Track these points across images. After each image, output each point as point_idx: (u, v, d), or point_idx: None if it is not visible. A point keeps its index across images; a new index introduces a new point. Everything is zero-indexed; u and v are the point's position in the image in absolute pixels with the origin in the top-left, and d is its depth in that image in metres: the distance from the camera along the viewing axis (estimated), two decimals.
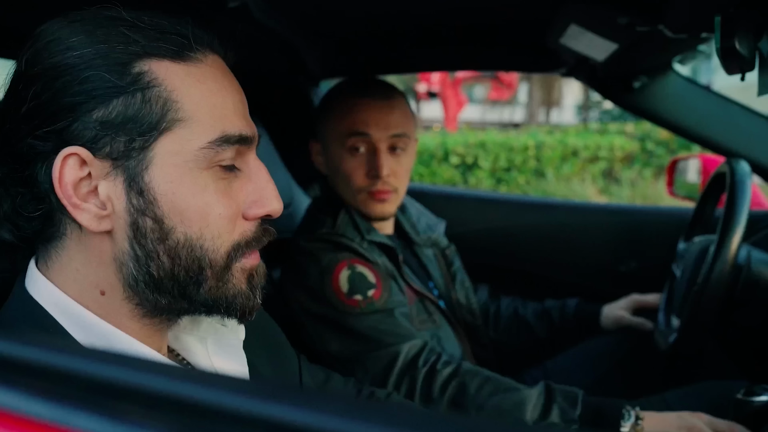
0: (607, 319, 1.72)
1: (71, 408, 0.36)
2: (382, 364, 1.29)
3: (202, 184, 0.68)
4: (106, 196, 0.66)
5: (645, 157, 8.91)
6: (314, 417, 0.34)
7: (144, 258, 0.68)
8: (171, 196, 0.67)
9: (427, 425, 0.35)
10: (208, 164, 0.68)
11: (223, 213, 0.69)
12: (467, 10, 1.51)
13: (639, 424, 1.15)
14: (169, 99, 0.66)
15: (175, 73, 0.67)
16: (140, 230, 0.67)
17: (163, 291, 0.69)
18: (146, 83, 0.66)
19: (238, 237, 0.71)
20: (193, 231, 0.68)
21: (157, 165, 0.66)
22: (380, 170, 1.41)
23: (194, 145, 0.67)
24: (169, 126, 0.66)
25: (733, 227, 1.26)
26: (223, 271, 0.71)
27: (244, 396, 0.35)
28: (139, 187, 0.66)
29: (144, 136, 0.65)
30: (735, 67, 0.99)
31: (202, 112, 0.68)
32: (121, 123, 0.65)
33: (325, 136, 1.48)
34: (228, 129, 0.69)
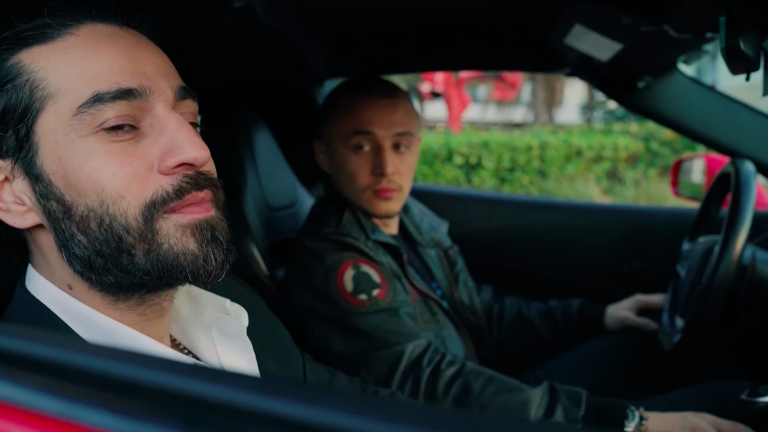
0: (611, 320, 1.71)
1: (82, 404, 0.36)
2: (387, 363, 1.29)
3: (87, 151, 0.66)
4: (20, 192, 0.68)
5: (649, 157, 8.89)
6: (321, 413, 0.34)
7: (66, 241, 0.68)
8: (62, 173, 0.66)
9: (435, 422, 0.35)
10: (90, 130, 0.66)
11: (117, 173, 0.66)
12: (471, 10, 1.52)
13: (643, 424, 1.15)
14: (35, 79, 0.67)
15: (40, 53, 0.68)
16: (52, 215, 0.68)
17: (99, 269, 0.68)
18: (14, 74, 0.67)
19: (150, 194, 0.67)
20: (92, 200, 0.66)
21: (43, 146, 0.67)
22: (385, 168, 1.41)
23: (68, 115, 0.66)
24: (41, 105, 0.66)
25: (737, 227, 1.26)
26: (145, 231, 0.67)
27: (251, 392, 0.35)
28: (35, 174, 0.67)
29: (22, 122, 0.66)
30: (740, 67, 0.99)
31: (69, 80, 0.67)
32: (2, 118, 0.67)
33: (329, 134, 1.49)
34: (99, 87, 0.66)
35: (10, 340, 0.42)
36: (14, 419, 0.38)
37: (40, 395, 0.38)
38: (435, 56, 1.94)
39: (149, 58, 0.71)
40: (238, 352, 0.81)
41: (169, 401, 0.36)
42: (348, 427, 0.34)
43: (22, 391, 0.39)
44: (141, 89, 0.68)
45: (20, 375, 0.39)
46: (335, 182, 1.52)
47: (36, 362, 0.40)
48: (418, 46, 1.82)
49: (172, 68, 0.74)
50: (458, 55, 1.91)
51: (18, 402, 0.38)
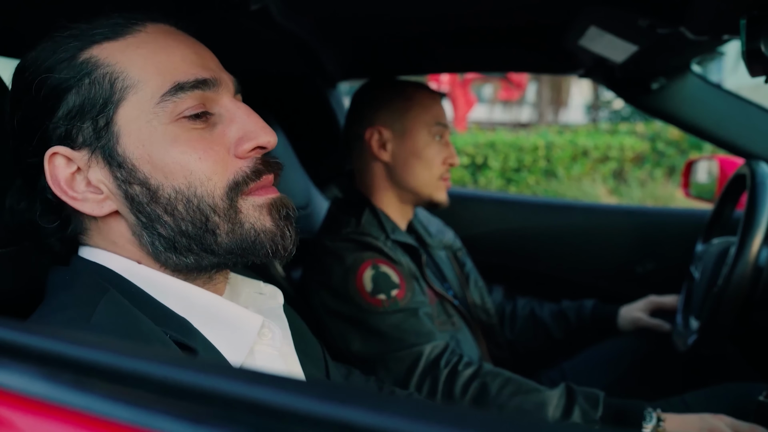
0: (625, 321, 1.72)
1: (151, 411, 0.37)
2: (405, 364, 1.30)
3: (171, 137, 0.70)
4: (97, 180, 0.71)
5: (655, 157, 8.87)
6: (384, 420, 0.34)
7: (149, 223, 0.71)
8: (147, 158, 0.70)
9: (461, 421, 0.35)
10: (171, 117, 0.70)
11: (203, 157, 0.70)
12: (485, 12, 1.52)
13: (660, 426, 1.15)
14: (113, 72, 0.70)
15: (114, 49, 0.71)
16: (134, 199, 0.71)
17: (182, 250, 0.72)
18: (90, 68, 0.70)
19: (232, 176, 0.72)
20: (180, 182, 0.70)
21: (125, 135, 0.70)
22: (457, 159, 1.56)
23: (150, 104, 0.70)
24: (122, 96, 0.70)
25: (754, 229, 1.26)
26: (230, 211, 0.72)
27: (316, 399, 0.36)
28: (117, 161, 0.70)
29: (103, 113, 0.69)
30: (760, 69, 0.99)
31: (148, 72, 0.70)
32: (80, 111, 0.70)
33: (406, 122, 1.51)
34: (179, 78, 0.71)
35: (79, 349, 0.42)
36: (81, 425, 0.38)
37: (107, 402, 0.39)
38: (447, 58, 1.94)
39: (209, 54, 0.76)
40: (275, 329, 0.82)
41: (237, 408, 0.36)
42: (374, 425, 0.35)
43: (89, 398, 0.39)
44: (213, 80, 0.73)
45: (87, 382, 0.40)
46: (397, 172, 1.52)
47: (103, 370, 0.41)
48: (432, 49, 1.82)
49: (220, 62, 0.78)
50: (470, 56, 1.92)
51: (85, 408, 0.39)
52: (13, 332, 0.46)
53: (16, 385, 0.42)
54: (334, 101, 2.17)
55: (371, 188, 1.53)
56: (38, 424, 0.40)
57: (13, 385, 0.42)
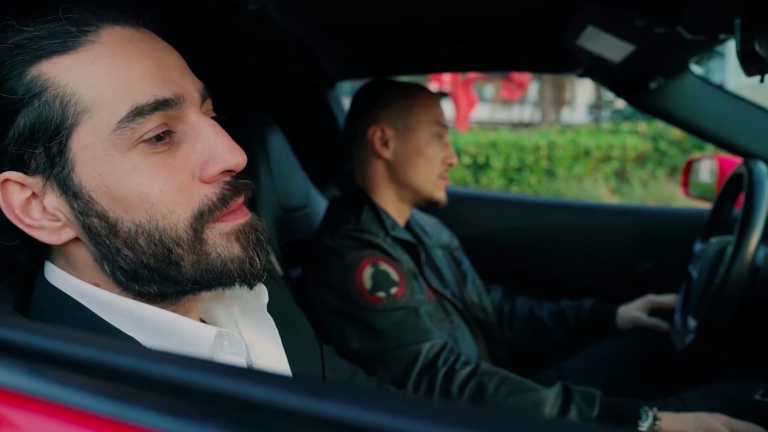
0: (623, 320, 1.72)
1: (135, 405, 0.38)
2: (403, 362, 1.31)
3: (129, 167, 0.65)
4: (54, 209, 0.66)
5: (658, 156, 8.86)
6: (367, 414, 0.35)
7: (110, 254, 0.67)
8: (104, 189, 0.65)
9: (459, 419, 0.36)
10: (130, 144, 0.64)
11: (165, 188, 0.65)
12: (484, 12, 1.52)
13: (657, 425, 1.16)
14: (65, 94, 0.64)
15: (65, 65, 0.65)
16: (92, 231, 0.66)
17: (144, 280, 0.68)
18: (39, 88, 0.64)
19: (197, 205, 0.67)
20: (140, 216, 0.65)
21: (80, 163, 0.64)
22: (456, 159, 1.59)
23: (106, 130, 0.64)
24: (75, 120, 0.64)
25: (751, 228, 1.27)
26: (194, 242, 0.67)
27: (299, 393, 0.36)
28: (72, 191, 0.65)
29: (55, 139, 0.64)
30: (754, 68, 0.99)
31: (103, 93, 0.64)
32: (31, 135, 0.64)
33: (408, 120, 1.53)
34: (138, 100, 0.64)
35: (63, 344, 0.43)
36: (68, 420, 0.39)
37: (94, 397, 0.39)
38: (447, 58, 1.95)
39: (172, 61, 0.69)
40: (261, 328, 0.81)
41: (220, 403, 0.37)
42: (391, 427, 0.35)
43: (76, 393, 0.40)
44: (176, 98, 0.66)
45: (75, 378, 0.41)
46: (398, 169, 1.54)
47: (90, 366, 0.41)
48: (430, 49, 1.83)
49: (188, 67, 0.72)
50: (470, 56, 1.92)
51: (72, 403, 0.39)
52: None
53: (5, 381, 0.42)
54: (333, 101, 2.17)
55: (371, 186, 1.54)
56: (27, 419, 0.41)
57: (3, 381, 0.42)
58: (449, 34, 1.71)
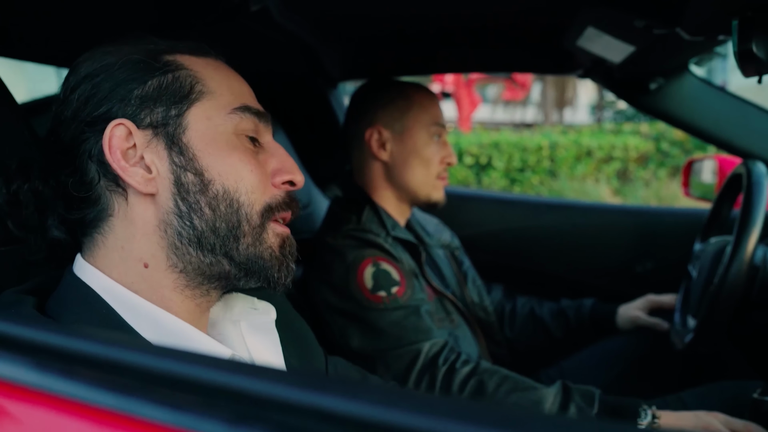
0: (623, 319, 1.73)
1: (135, 398, 0.39)
2: (404, 361, 1.31)
3: (233, 144, 0.77)
4: (150, 161, 0.75)
5: (660, 157, 8.86)
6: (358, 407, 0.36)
7: (187, 211, 0.75)
8: (208, 152, 0.75)
9: (461, 413, 0.37)
10: (235, 130, 0.78)
11: (254, 171, 0.77)
12: (485, 13, 1.53)
13: (655, 423, 1.17)
14: (195, 77, 0.77)
15: (196, 62, 0.79)
16: (183, 185, 0.75)
17: (205, 247, 0.75)
18: (175, 67, 0.77)
19: (269, 199, 0.79)
20: (230, 183, 0.76)
21: (193, 129, 0.76)
22: (454, 158, 1.58)
23: (222, 112, 0.77)
24: (197, 97, 0.77)
25: (749, 228, 1.27)
26: (258, 228, 0.78)
27: (295, 387, 0.37)
28: (179, 147, 0.75)
29: (178, 105, 0.76)
30: (752, 69, 1.00)
31: (222, 89, 0.79)
32: (157, 96, 0.75)
33: (405, 121, 1.53)
34: (247, 102, 0.80)
35: (67, 339, 0.44)
36: (70, 412, 0.40)
37: (94, 390, 0.40)
38: (448, 58, 1.95)
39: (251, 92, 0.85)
40: (266, 344, 0.85)
41: (218, 396, 0.38)
42: (386, 420, 0.36)
43: (77, 386, 0.41)
44: (266, 116, 0.82)
45: (77, 371, 0.42)
46: (396, 171, 1.54)
47: (92, 359, 0.42)
48: (432, 49, 1.84)
49: None
50: (471, 57, 1.93)
51: (75, 396, 0.40)
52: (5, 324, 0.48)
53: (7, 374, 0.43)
54: (335, 101, 2.18)
55: (370, 187, 1.55)
56: (29, 411, 0.42)
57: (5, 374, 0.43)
58: (450, 35, 1.72)
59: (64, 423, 0.40)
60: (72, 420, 0.40)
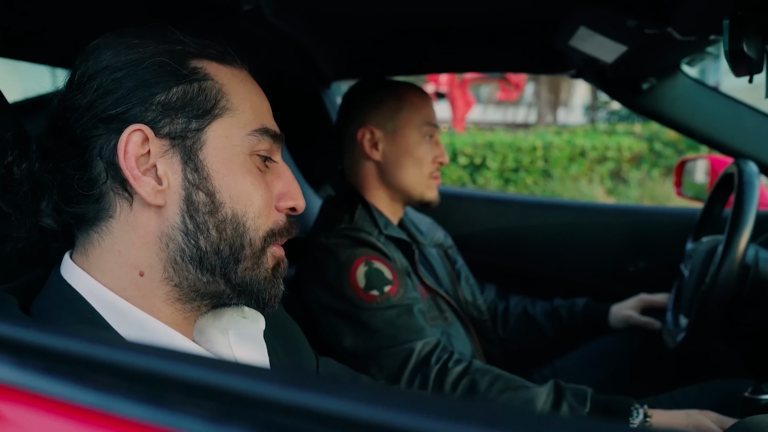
0: (616, 319, 1.73)
1: (116, 396, 0.38)
2: (397, 361, 1.31)
3: (247, 167, 0.75)
4: (163, 172, 0.72)
5: (653, 157, 8.89)
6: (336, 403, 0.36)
7: (194, 230, 0.73)
8: (223, 173, 0.74)
9: (452, 412, 0.37)
10: (251, 151, 0.76)
11: (264, 195, 0.76)
12: (478, 13, 1.53)
13: (647, 422, 1.17)
14: (220, 91, 0.75)
15: (223, 72, 0.77)
16: (193, 204, 0.73)
17: (205, 267, 0.74)
18: (202, 76, 0.74)
19: (272, 224, 0.77)
20: (239, 208, 0.74)
21: (210, 146, 0.74)
22: (446, 158, 1.58)
23: (242, 132, 0.75)
24: (220, 113, 0.74)
25: (741, 227, 1.27)
26: (259, 252, 0.76)
27: (274, 384, 0.37)
28: (195, 163, 0.73)
29: (199, 119, 0.73)
30: (743, 69, 1.00)
31: (245, 106, 0.77)
32: (180, 107, 0.73)
33: (397, 121, 1.53)
34: (266, 123, 0.78)
35: (48, 337, 0.44)
36: (51, 411, 0.40)
37: (75, 389, 0.40)
38: (441, 58, 1.95)
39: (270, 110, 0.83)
40: (253, 354, 0.84)
41: (200, 394, 0.38)
42: (366, 417, 0.36)
43: (58, 384, 0.41)
44: (281, 137, 0.81)
45: (58, 369, 0.41)
46: (388, 171, 1.54)
47: (73, 357, 0.42)
48: (424, 49, 1.83)
49: None
50: (465, 56, 1.93)
51: (55, 394, 0.40)
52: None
53: None
54: (329, 101, 2.18)
55: (363, 187, 1.55)
56: (9, 410, 0.41)
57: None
58: (444, 35, 1.72)
59: (44, 422, 0.40)
60: (53, 418, 0.39)
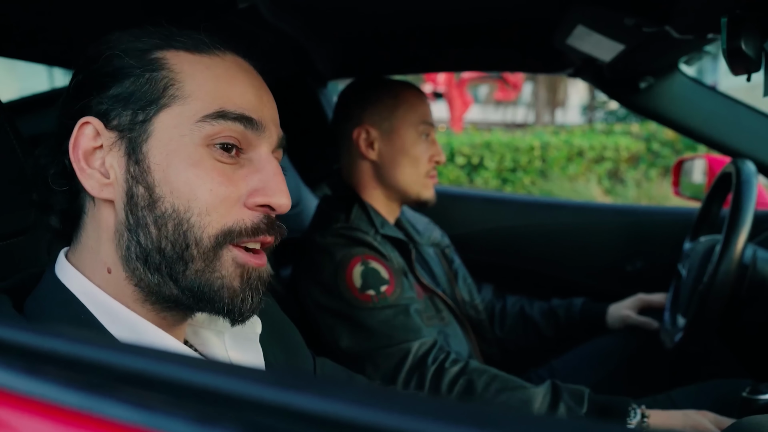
0: (613, 318, 1.73)
1: (102, 397, 0.38)
2: (393, 361, 1.31)
3: (196, 157, 0.70)
4: (110, 165, 0.71)
5: (650, 157, 8.90)
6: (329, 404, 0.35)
7: (135, 226, 0.70)
8: (164, 166, 0.70)
9: (446, 413, 0.36)
10: (206, 140, 0.71)
11: (214, 190, 0.70)
12: (475, 10, 1.52)
13: (645, 422, 1.16)
14: (172, 79, 0.71)
15: (185, 60, 0.73)
16: (133, 198, 0.70)
17: (151, 266, 0.71)
18: (156, 67, 0.72)
19: (231, 222, 0.71)
20: (181, 203, 0.69)
21: (156, 137, 0.70)
22: (443, 157, 1.57)
23: (191, 120, 0.71)
24: (168, 102, 0.71)
25: (738, 227, 1.27)
26: (209, 253, 0.70)
27: (261, 384, 0.36)
28: (137, 156, 0.70)
29: (145, 109, 0.70)
30: (741, 67, 1.00)
31: (202, 91, 0.72)
32: (127, 98, 0.71)
33: (393, 121, 1.52)
34: (226, 106, 0.71)
35: (32, 336, 0.43)
36: (34, 412, 0.39)
37: (60, 389, 0.39)
38: (438, 57, 1.95)
39: (269, 103, 0.78)
40: (249, 357, 0.83)
41: (186, 394, 0.37)
42: (358, 419, 0.36)
43: (43, 384, 0.40)
44: (258, 123, 0.73)
45: (42, 369, 0.41)
46: (385, 170, 1.54)
47: (57, 357, 0.41)
48: (421, 47, 1.83)
49: (278, 117, 0.79)
50: (461, 55, 1.93)
51: (39, 395, 0.39)
52: None
53: None
54: (325, 100, 2.17)
55: (359, 186, 1.54)
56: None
57: None
58: (440, 33, 1.72)
59: (28, 423, 0.39)
60: (36, 419, 0.39)
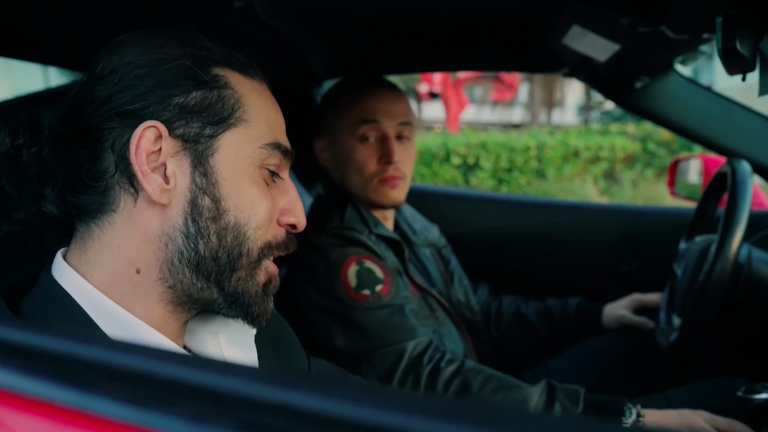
0: (609, 318, 1.73)
1: (97, 395, 0.38)
2: (388, 361, 1.31)
3: (255, 178, 0.77)
4: (172, 172, 0.73)
5: (646, 157, 8.92)
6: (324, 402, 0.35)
7: (195, 235, 0.73)
8: (231, 181, 0.75)
9: (443, 412, 0.36)
10: (261, 164, 0.77)
11: (268, 207, 0.77)
12: (470, 10, 1.52)
13: (640, 421, 1.16)
14: (238, 102, 0.76)
15: (243, 83, 0.78)
16: (198, 207, 0.73)
17: (201, 272, 0.74)
18: (222, 84, 0.76)
19: (271, 236, 0.78)
20: (243, 217, 0.75)
21: (222, 153, 0.75)
22: (392, 155, 1.45)
23: (254, 144, 0.77)
24: (235, 123, 0.76)
25: (733, 227, 1.27)
26: (254, 263, 0.77)
27: (255, 382, 0.36)
28: (204, 168, 0.74)
29: (214, 126, 0.74)
30: (736, 67, 1.00)
31: (261, 119, 0.78)
32: (197, 111, 0.74)
33: (334, 128, 1.51)
34: (279, 138, 0.79)
35: (29, 335, 0.43)
36: (29, 410, 0.39)
37: (54, 387, 0.39)
38: (434, 56, 1.95)
39: (284, 126, 0.85)
40: (244, 357, 0.84)
41: (180, 392, 0.37)
42: (352, 417, 0.36)
43: (37, 382, 0.40)
44: (292, 156, 0.83)
45: (35, 367, 0.41)
46: (338, 178, 1.53)
47: (51, 355, 0.41)
48: (417, 47, 1.83)
49: None
50: (457, 55, 1.92)
51: (33, 393, 0.39)
52: None
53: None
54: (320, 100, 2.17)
55: (344, 189, 1.54)
56: None
57: None
58: (436, 32, 1.72)
59: (22, 421, 0.39)
60: (30, 417, 0.39)
